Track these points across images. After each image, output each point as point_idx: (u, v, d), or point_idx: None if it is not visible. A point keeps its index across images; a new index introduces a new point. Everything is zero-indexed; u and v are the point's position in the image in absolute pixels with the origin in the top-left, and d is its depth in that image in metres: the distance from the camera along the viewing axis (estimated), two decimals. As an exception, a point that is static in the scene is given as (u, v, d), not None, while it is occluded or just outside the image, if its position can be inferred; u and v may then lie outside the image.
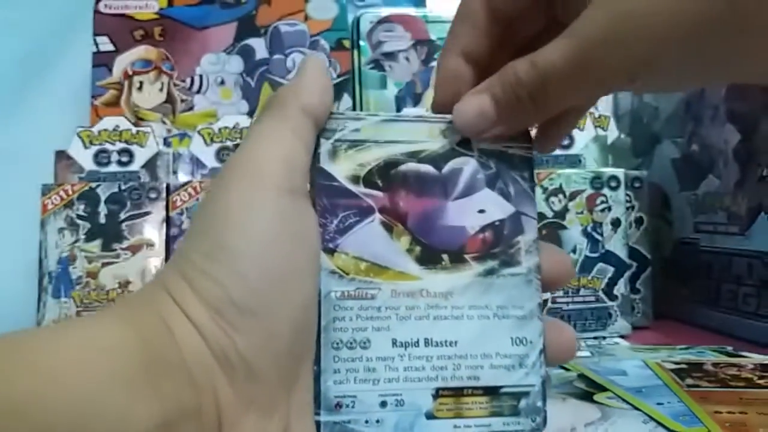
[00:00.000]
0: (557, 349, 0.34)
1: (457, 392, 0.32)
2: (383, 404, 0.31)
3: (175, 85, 0.87)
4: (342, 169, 0.33)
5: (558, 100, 0.32)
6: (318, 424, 0.31)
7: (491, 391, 0.32)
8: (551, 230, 0.72)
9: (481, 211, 0.34)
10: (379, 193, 0.33)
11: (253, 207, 0.30)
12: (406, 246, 0.33)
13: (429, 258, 0.33)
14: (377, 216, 0.33)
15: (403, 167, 0.34)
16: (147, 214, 0.72)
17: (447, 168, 0.34)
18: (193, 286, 0.29)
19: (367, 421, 0.31)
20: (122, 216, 0.72)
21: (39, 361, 0.25)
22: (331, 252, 0.32)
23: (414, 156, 0.34)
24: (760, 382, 0.49)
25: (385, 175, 0.33)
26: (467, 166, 0.34)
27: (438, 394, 0.32)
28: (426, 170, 0.34)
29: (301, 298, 0.30)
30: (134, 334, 0.27)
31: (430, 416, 0.32)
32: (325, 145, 0.33)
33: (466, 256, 0.33)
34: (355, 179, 0.33)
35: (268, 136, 0.32)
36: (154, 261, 0.71)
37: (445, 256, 0.33)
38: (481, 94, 0.33)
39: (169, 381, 0.27)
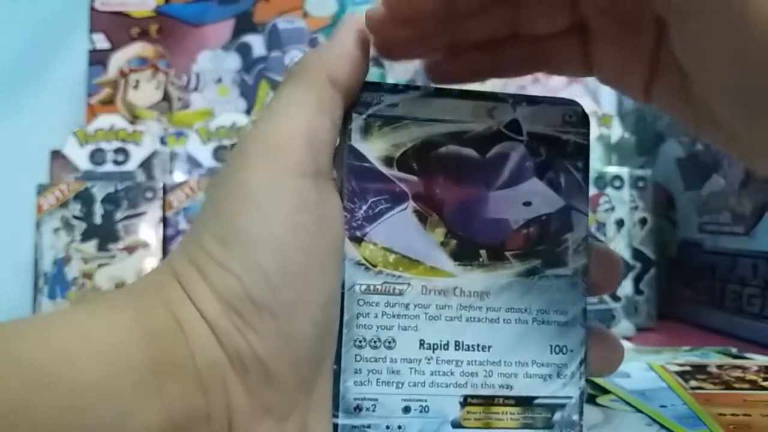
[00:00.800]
0: (601, 361, 0.32)
1: (488, 401, 0.30)
2: (406, 409, 0.29)
3: (171, 83, 0.87)
4: (375, 148, 0.30)
5: None
6: (335, 426, 0.29)
7: (524, 402, 0.30)
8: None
9: (527, 204, 0.31)
10: (415, 178, 0.30)
11: (273, 189, 0.27)
12: (440, 239, 0.30)
13: (465, 253, 0.30)
14: (411, 204, 0.30)
15: (442, 150, 0.30)
16: (143, 214, 0.72)
17: (492, 153, 0.31)
18: (206, 276, 0.27)
19: (388, 427, 0.29)
20: (118, 216, 0.71)
21: (29, 356, 0.23)
22: (357, 241, 0.29)
23: (456, 137, 0.30)
24: (765, 384, 0.48)
25: (422, 158, 0.30)
26: (515, 151, 0.31)
27: (466, 401, 0.30)
28: (468, 154, 0.30)
29: (323, 295, 0.28)
30: (140, 328, 0.25)
31: (456, 425, 0.29)
32: (357, 121, 0.30)
33: (507, 253, 0.30)
34: (389, 161, 0.30)
35: (291, 109, 0.29)
36: (151, 261, 0.71)
37: (483, 252, 0.30)
38: None
39: (176, 382, 0.25)
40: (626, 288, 0.72)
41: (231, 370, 0.26)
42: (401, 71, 0.87)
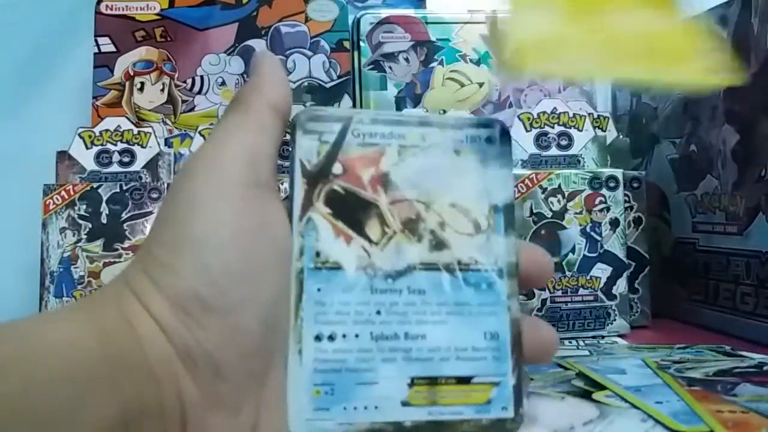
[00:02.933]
0: (535, 346, 0.35)
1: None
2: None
3: (176, 85, 0.88)
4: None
5: None
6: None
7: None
8: (550, 230, 0.72)
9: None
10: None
11: (215, 199, 0.30)
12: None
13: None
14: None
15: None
16: (149, 214, 0.72)
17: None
18: (155, 280, 0.28)
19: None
20: (124, 216, 0.72)
21: None
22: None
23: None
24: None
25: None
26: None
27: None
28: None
29: (269, 294, 0.30)
30: (92, 331, 0.26)
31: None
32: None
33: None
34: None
35: (232, 131, 0.32)
36: (156, 261, 0.71)
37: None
38: None
39: (128, 379, 0.26)
40: (621, 286, 0.73)
41: (181, 366, 0.28)
42: (401, 74, 0.89)
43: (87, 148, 0.76)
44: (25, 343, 0.25)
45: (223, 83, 0.88)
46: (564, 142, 0.79)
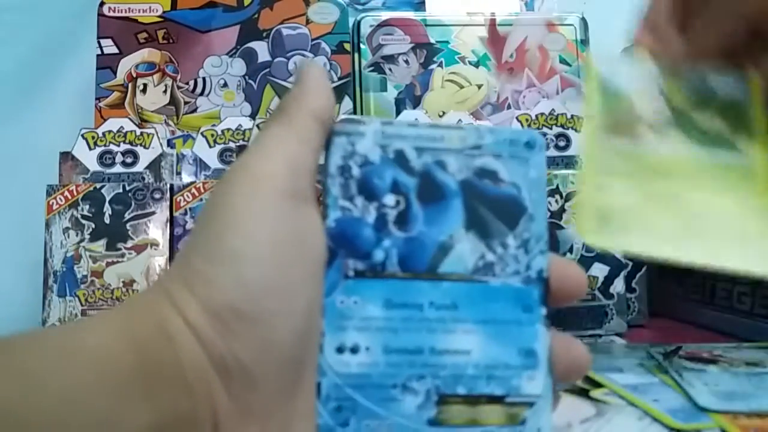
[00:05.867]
0: (567, 364, 0.33)
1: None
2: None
3: (178, 87, 0.88)
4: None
5: None
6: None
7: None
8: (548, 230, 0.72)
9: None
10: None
11: (254, 209, 0.29)
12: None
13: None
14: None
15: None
16: (151, 214, 0.73)
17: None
18: (193, 289, 0.28)
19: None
20: (127, 216, 0.72)
21: (21, 364, 0.25)
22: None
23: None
24: None
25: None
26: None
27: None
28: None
29: (303, 305, 0.30)
30: (129, 339, 0.27)
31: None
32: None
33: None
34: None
35: (272, 140, 0.31)
36: (158, 260, 0.72)
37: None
38: None
39: (163, 387, 0.26)
40: (618, 286, 0.73)
41: (215, 376, 0.28)
42: (401, 76, 0.89)
43: (90, 148, 0.77)
44: (61, 354, 0.25)
45: (225, 85, 0.88)
46: (562, 143, 0.80)
